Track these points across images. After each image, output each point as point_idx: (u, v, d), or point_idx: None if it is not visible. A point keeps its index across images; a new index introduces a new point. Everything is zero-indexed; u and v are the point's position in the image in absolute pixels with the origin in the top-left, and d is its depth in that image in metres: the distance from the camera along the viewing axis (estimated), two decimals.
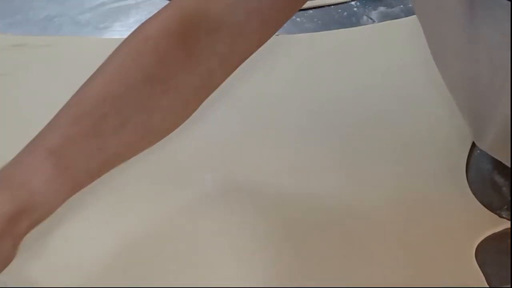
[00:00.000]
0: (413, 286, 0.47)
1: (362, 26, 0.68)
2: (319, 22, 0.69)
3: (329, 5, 0.71)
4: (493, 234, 0.50)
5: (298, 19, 0.70)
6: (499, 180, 0.54)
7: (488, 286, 0.47)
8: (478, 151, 0.55)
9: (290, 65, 0.64)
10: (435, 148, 0.56)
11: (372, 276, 0.47)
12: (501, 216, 0.51)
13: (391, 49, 0.65)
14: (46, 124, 0.40)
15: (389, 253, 0.49)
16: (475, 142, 0.52)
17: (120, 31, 0.67)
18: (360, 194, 0.53)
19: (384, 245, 0.49)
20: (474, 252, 0.48)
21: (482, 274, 0.47)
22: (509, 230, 0.50)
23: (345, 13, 0.70)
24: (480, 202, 0.52)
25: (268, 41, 0.66)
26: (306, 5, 0.70)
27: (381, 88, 0.61)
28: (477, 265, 0.48)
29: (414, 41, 0.66)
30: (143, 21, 0.67)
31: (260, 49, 0.61)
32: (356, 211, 0.52)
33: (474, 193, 0.52)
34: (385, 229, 0.51)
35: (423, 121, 0.58)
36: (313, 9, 0.71)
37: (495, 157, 0.52)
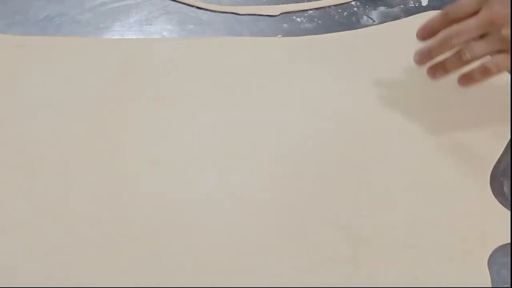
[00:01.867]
0: (417, 286, 0.47)
1: (364, 28, 0.68)
2: (319, 22, 0.69)
3: (329, 6, 0.71)
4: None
5: (298, 19, 0.70)
6: None
7: (490, 286, 0.47)
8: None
9: (291, 67, 0.64)
10: (452, 150, 0.56)
11: (378, 276, 0.48)
12: None
13: (396, 50, 0.65)
14: None
15: (397, 254, 0.49)
16: None
17: (120, 31, 0.67)
18: (367, 194, 0.53)
19: (394, 246, 0.50)
20: (488, 256, 0.49)
21: (489, 278, 0.47)
22: None
23: (345, 13, 0.70)
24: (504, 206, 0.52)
25: (270, 42, 0.66)
26: (306, 6, 0.71)
27: (388, 91, 0.60)
28: (487, 269, 0.48)
29: (416, 41, 0.66)
30: (143, 21, 0.68)
31: (261, 50, 0.61)
32: (363, 211, 0.52)
33: (498, 198, 0.53)
34: (395, 230, 0.51)
35: (434, 122, 0.58)
36: (313, 10, 0.71)
37: None
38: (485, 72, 0.49)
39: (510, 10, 0.46)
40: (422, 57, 0.52)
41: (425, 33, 0.52)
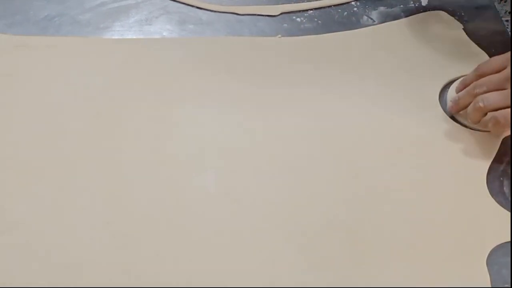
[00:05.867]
0: (417, 286, 0.47)
1: (364, 28, 0.68)
2: (319, 22, 0.69)
3: (329, 6, 0.71)
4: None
5: (298, 19, 0.70)
6: None
7: (489, 286, 0.47)
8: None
9: (291, 67, 0.64)
10: (450, 151, 0.56)
11: (378, 276, 0.48)
12: None
13: (396, 50, 0.65)
14: None
15: (397, 254, 0.49)
16: None
17: (120, 31, 0.67)
18: (366, 194, 0.53)
19: (393, 246, 0.50)
20: (486, 255, 0.48)
21: (489, 278, 0.47)
22: None
23: (345, 13, 0.70)
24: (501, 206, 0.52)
25: (270, 42, 0.66)
26: (306, 6, 0.71)
27: (388, 92, 0.60)
28: (486, 269, 0.48)
29: (417, 41, 0.66)
30: (143, 21, 0.68)
31: (262, 50, 0.61)
32: (363, 212, 0.52)
33: (495, 198, 0.53)
34: (395, 230, 0.51)
35: (432, 123, 0.58)
36: (313, 10, 0.71)
37: None
38: (494, 122, 0.54)
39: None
40: (453, 104, 0.59)
41: (461, 86, 0.59)
